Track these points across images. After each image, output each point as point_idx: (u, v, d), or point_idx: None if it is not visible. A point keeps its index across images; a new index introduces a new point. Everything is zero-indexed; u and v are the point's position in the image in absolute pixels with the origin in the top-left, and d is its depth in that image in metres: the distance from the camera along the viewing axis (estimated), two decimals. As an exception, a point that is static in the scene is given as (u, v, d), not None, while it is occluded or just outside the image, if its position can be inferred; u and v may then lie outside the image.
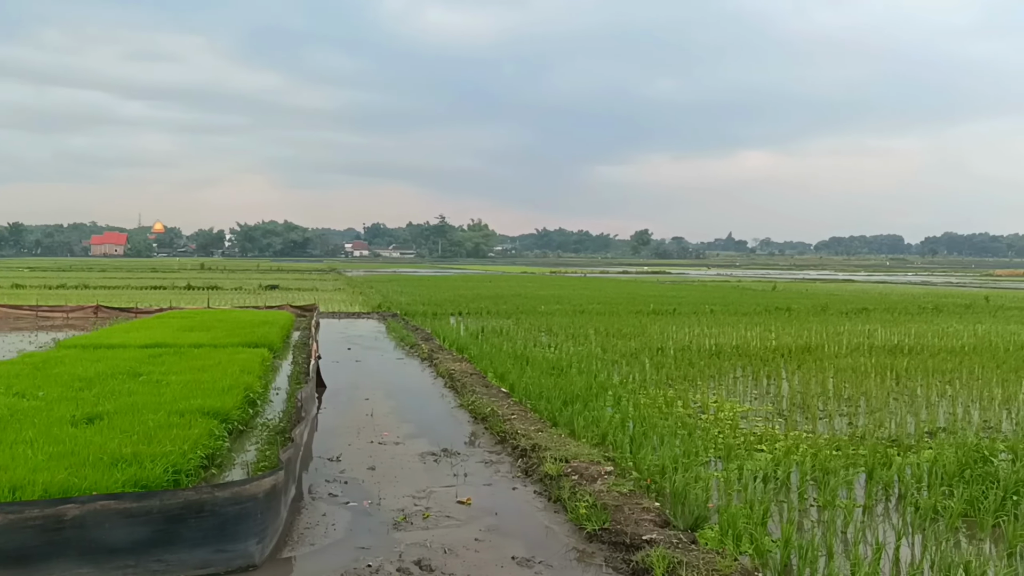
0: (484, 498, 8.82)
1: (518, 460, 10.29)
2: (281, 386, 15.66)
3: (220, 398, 11.66)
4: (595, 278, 78.76)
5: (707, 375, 16.50)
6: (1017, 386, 15.24)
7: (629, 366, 17.46)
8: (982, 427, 11.98)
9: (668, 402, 13.40)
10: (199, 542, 6.64)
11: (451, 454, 10.68)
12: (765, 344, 21.41)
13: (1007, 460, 9.61)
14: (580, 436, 10.90)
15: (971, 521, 7.87)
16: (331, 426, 12.37)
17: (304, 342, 22.14)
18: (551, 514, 8.37)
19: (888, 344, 21.62)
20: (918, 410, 13.10)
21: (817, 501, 8.43)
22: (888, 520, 8.08)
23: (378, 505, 8.52)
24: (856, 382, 15.41)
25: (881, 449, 10.07)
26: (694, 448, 10.06)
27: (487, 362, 17.72)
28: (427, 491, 9.02)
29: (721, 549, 6.83)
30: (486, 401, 13.41)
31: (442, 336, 23.41)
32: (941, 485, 8.65)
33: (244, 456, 10.34)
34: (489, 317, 30.63)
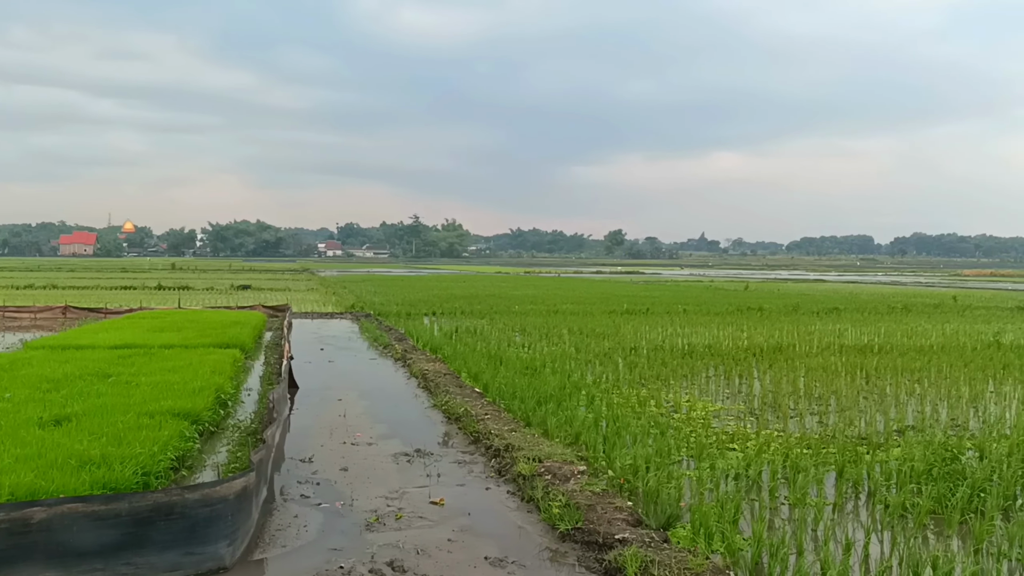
0: (457, 498, 8.81)
1: (491, 460, 10.28)
2: (253, 387, 15.54)
3: (191, 399, 11.55)
4: (569, 278, 78.90)
5: (680, 374, 16.58)
6: (984, 384, 15.45)
7: (602, 366, 17.51)
8: (950, 425, 12.14)
9: (641, 401, 13.45)
10: (169, 545, 6.57)
11: (424, 454, 10.65)
12: (737, 344, 21.56)
13: (974, 458, 9.75)
14: (553, 436, 10.91)
15: (939, 518, 7.96)
16: (303, 427, 12.30)
17: (276, 343, 21.99)
18: (524, 514, 8.37)
19: (858, 343, 21.85)
20: (887, 408, 13.24)
21: (788, 499, 8.50)
22: (858, 518, 8.16)
23: (350, 506, 8.48)
24: (827, 381, 15.55)
25: (851, 447, 10.18)
26: (667, 447, 10.11)
27: (461, 362, 17.70)
28: (400, 492, 8.99)
29: (693, 548, 6.87)
30: (460, 401, 13.39)
31: (416, 336, 23.35)
32: (910, 483, 8.74)
33: (215, 458, 10.25)
34: (463, 317, 30.60)
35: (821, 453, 9.94)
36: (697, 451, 10.10)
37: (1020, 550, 6.98)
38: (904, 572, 6.56)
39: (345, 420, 12.76)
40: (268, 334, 24.73)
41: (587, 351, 19.82)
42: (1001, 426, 11.98)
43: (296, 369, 15.98)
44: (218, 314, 27.80)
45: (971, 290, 58.51)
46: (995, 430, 11.62)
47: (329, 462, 10.21)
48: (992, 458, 9.53)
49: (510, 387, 14.12)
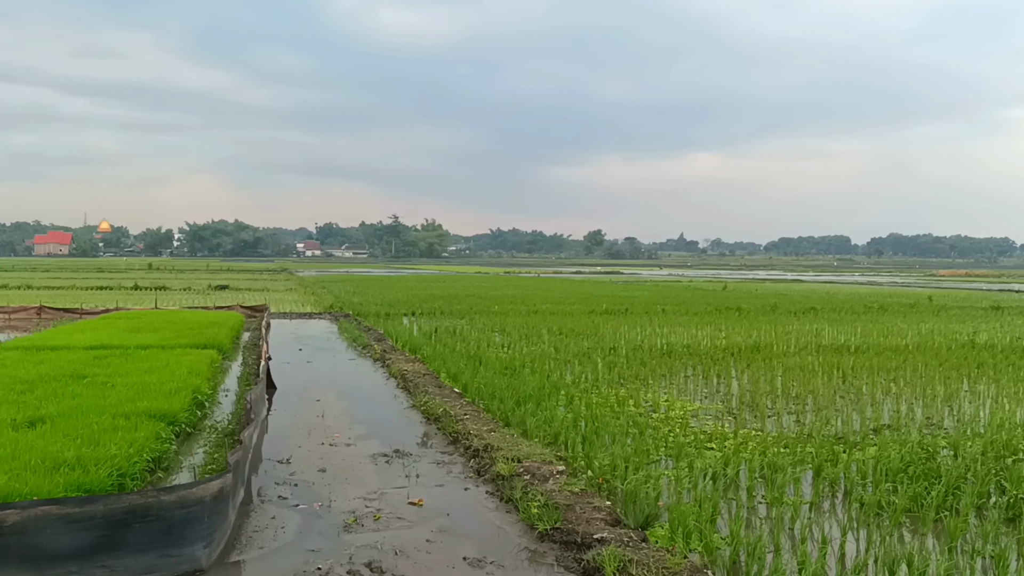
0: (436, 499, 8.80)
1: (470, 460, 10.27)
2: (230, 388, 15.45)
3: (167, 400, 11.47)
4: (549, 278, 79.00)
5: (658, 374, 16.64)
6: (958, 383, 15.61)
7: (582, 366, 17.54)
8: (925, 424, 12.25)
9: (620, 401, 13.48)
10: (144, 547, 6.51)
11: (403, 455, 10.62)
12: (715, 343, 21.66)
13: (949, 456, 9.85)
14: (533, 436, 10.92)
15: (914, 516, 8.03)
16: (281, 428, 12.24)
17: (254, 343, 21.88)
18: (503, 514, 8.36)
19: (835, 343, 22.01)
20: (863, 408, 13.35)
21: (765, 498, 8.55)
22: (834, 516, 8.22)
23: (328, 507, 8.45)
24: (804, 380, 15.66)
25: (828, 446, 10.25)
26: (645, 447, 10.14)
27: (440, 362, 17.67)
28: (378, 492, 8.96)
29: (671, 547, 6.89)
30: (439, 401, 13.37)
31: (395, 336, 23.30)
32: (886, 481, 8.82)
33: (192, 459, 10.18)
34: (443, 317, 30.56)
35: (798, 452, 10.01)
36: (675, 451, 10.13)
37: (994, 547, 7.06)
38: (880, 570, 6.62)
39: (323, 421, 12.71)
40: (246, 335, 24.60)
41: (566, 351, 19.85)
42: (975, 424, 12.12)
43: (274, 370, 15.90)
44: (195, 314, 27.61)
45: (946, 290, 59.10)
46: (969, 428, 11.75)
47: (307, 463, 10.17)
48: (966, 456, 9.63)
49: (489, 387, 14.11)
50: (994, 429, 11.38)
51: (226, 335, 21.05)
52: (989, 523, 7.56)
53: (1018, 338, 23.52)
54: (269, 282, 60.89)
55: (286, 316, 31.72)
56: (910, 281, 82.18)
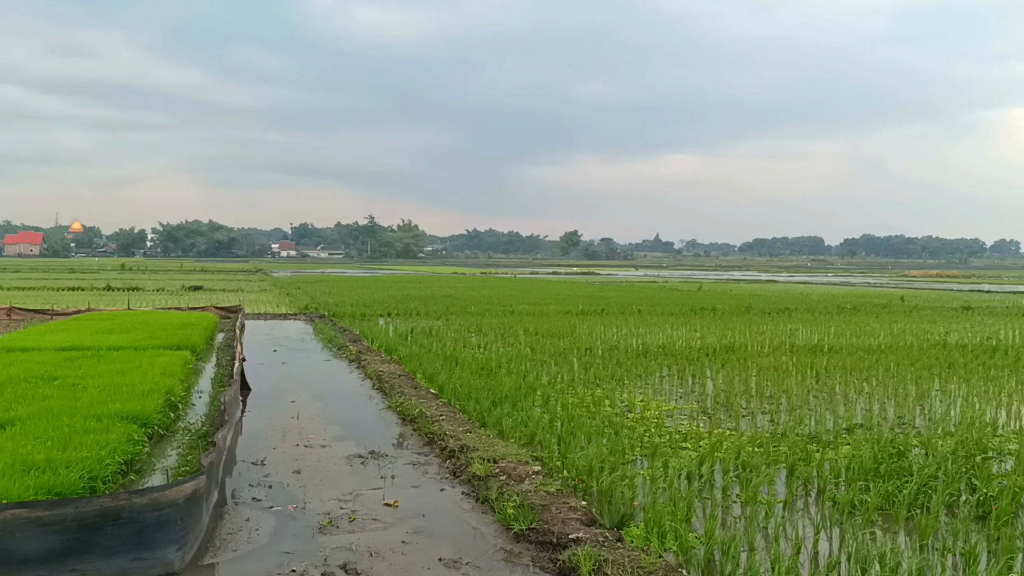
0: (412, 500, 8.77)
1: (446, 461, 10.26)
2: (204, 389, 15.33)
3: (140, 402, 11.36)
4: (525, 279, 79.04)
5: (634, 374, 16.69)
6: (930, 383, 15.79)
7: (558, 366, 17.57)
8: (897, 423, 12.38)
9: (596, 401, 13.51)
10: (116, 550, 6.45)
11: (379, 456, 10.59)
12: (691, 344, 21.77)
13: (920, 455, 9.95)
14: (509, 436, 10.92)
15: (886, 514, 8.11)
16: (256, 429, 12.15)
17: (228, 344, 21.73)
18: (479, 515, 8.36)
19: (809, 343, 22.19)
20: (836, 407, 13.47)
21: (740, 497, 8.60)
22: (808, 515, 8.28)
23: (303, 509, 8.40)
24: (778, 380, 15.77)
25: (801, 445, 10.33)
26: (621, 447, 10.17)
27: (416, 363, 17.64)
28: (354, 494, 8.93)
29: (646, 546, 6.91)
30: (415, 402, 13.34)
31: (371, 337, 23.22)
32: (858, 480, 8.90)
33: (165, 461, 10.09)
34: (419, 318, 30.50)
35: (772, 451, 10.08)
36: (651, 450, 10.17)
37: (964, 545, 7.14)
38: (852, 568, 6.67)
39: (298, 422, 12.64)
40: (220, 336, 24.43)
41: (543, 351, 19.87)
42: (946, 423, 12.26)
43: (248, 371, 15.80)
44: (168, 315, 27.37)
45: (918, 291, 59.76)
46: (940, 427, 11.89)
47: (282, 465, 10.11)
48: (937, 455, 9.74)
49: (466, 388, 14.10)
50: (964, 428, 11.52)
51: (200, 336, 20.89)
52: (960, 521, 7.66)
53: (988, 338, 23.84)
54: (243, 283, 60.49)
55: (261, 317, 31.52)
56: (883, 282, 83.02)
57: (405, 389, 14.69)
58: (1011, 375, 16.88)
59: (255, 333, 25.11)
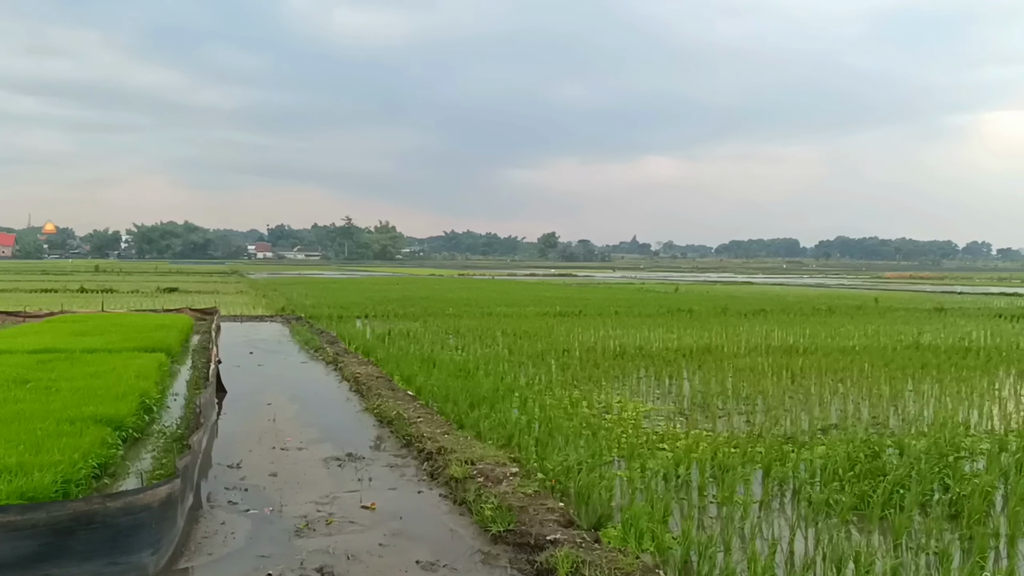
0: (389, 502, 8.74)
1: (424, 463, 10.23)
2: (179, 392, 15.20)
3: (114, 405, 11.24)
4: (503, 280, 79.03)
5: (611, 376, 16.74)
6: (903, 384, 15.94)
7: (536, 367, 17.58)
8: (871, 423, 12.49)
9: (573, 403, 13.53)
10: (89, 555, 6.38)
11: (356, 459, 10.54)
12: (668, 345, 21.86)
13: (894, 455, 10.05)
14: (486, 438, 10.91)
15: (861, 514, 8.18)
16: (232, 432, 12.06)
17: (204, 346, 21.57)
18: (456, 517, 8.34)
19: (784, 344, 22.34)
20: (812, 408, 13.57)
21: (716, 498, 8.64)
22: (783, 515, 8.33)
23: (280, 512, 8.35)
24: (754, 381, 15.86)
25: (777, 446, 10.40)
26: (598, 448, 10.19)
27: (394, 365, 17.59)
28: (331, 497, 8.88)
29: (624, 547, 6.93)
30: (392, 404, 13.30)
31: (348, 339, 23.12)
32: (833, 480, 8.97)
33: (139, 465, 9.99)
34: (396, 320, 30.42)
35: (748, 452, 10.13)
36: (628, 451, 10.20)
37: (937, 544, 7.22)
38: (827, 567, 6.72)
39: (275, 425, 12.57)
40: (196, 338, 24.23)
41: (520, 353, 19.88)
42: (919, 423, 12.39)
43: (224, 373, 15.68)
44: (143, 317, 27.11)
45: (891, 292, 60.32)
46: (914, 427, 12.02)
47: (258, 467, 10.04)
48: (911, 455, 9.84)
49: (443, 390, 14.08)
50: (937, 428, 11.65)
51: (175, 338, 20.72)
52: (933, 520, 7.74)
53: (960, 339, 24.11)
54: (219, 284, 60.06)
55: (237, 319, 31.29)
56: (857, 283, 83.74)
57: (382, 391, 14.64)
58: (983, 376, 17.08)
59: (231, 335, 24.93)
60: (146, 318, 26.75)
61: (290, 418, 13.16)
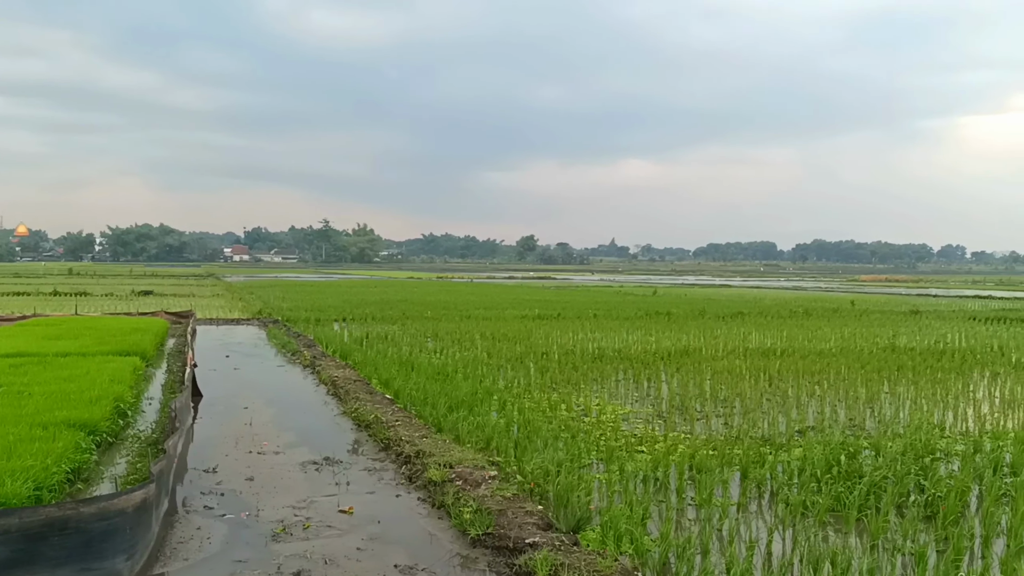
0: (367, 506, 8.71)
1: (402, 467, 10.21)
2: (154, 396, 15.07)
3: (88, 409, 11.14)
4: (482, 283, 79.00)
5: (590, 378, 16.77)
6: (879, 385, 16.08)
7: (514, 370, 17.58)
8: (848, 425, 12.59)
9: (552, 406, 13.55)
10: (63, 561, 6.31)
11: (333, 463, 10.50)
12: (646, 348, 21.94)
13: (870, 456, 10.13)
14: (465, 441, 10.90)
15: (838, 515, 8.24)
16: (207, 436, 11.98)
17: (179, 350, 21.41)
18: (435, 520, 8.33)
19: (762, 347, 22.48)
20: (789, 410, 13.66)
21: (695, 500, 8.68)
22: (761, 516, 8.38)
23: (256, 517, 8.30)
24: (732, 384, 15.95)
25: (755, 448, 10.46)
26: (577, 451, 10.20)
27: (371, 368, 17.54)
28: (308, 501, 8.84)
29: (602, 550, 6.94)
30: (370, 408, 13.26)
31: (325, 342, 23.03)
32: (810, 482, 9.03)
33: (113, 470, 9.90)
34: (374, 323, 30.34)
35: (726, 454, 10.17)
36: (607, 454, 10.23)
37: (913, 544, 7.28)
38: (805, 569, 6.77)
39: (251, 429, 12.49)
40: (171, 341, 24.06)
41: (499, 356, 19.88)
42: (895, 425, 12.50)
43: (200, 377, 15.57)
44: (118, 321, 26.88)
45: (868, 295, 60.83)
46: (890, 429, 12.12)
47: (234, 472, 9.97)
48: (887, 456, 9.92)
49: (421, 393, 14.05)
50: (913, 430, 11.75)
51: (150, 342, 20.55)
52: (909, 521, 7.81)
53: (936, 341, 24.36)
54: (195, 288, 59.66)
55: (213, 322, 31.10)
56: (834, 286, 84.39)
57: (360, 395, 14.59)
58: (957, 378, 17.27)
59: (207, 338, 24.77)
60: (120, 322, 26.52)
61: (267, 422, 13.08)
